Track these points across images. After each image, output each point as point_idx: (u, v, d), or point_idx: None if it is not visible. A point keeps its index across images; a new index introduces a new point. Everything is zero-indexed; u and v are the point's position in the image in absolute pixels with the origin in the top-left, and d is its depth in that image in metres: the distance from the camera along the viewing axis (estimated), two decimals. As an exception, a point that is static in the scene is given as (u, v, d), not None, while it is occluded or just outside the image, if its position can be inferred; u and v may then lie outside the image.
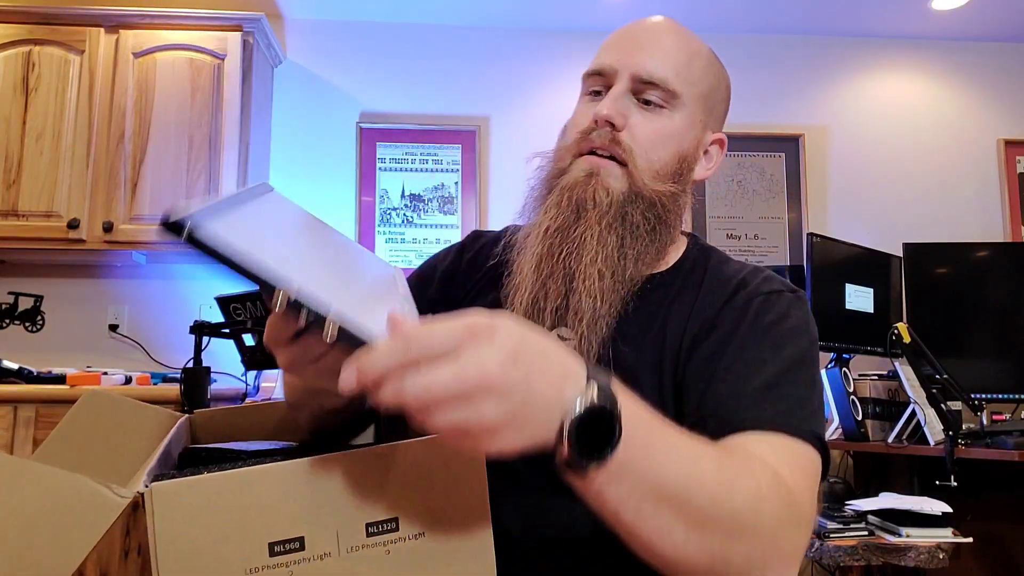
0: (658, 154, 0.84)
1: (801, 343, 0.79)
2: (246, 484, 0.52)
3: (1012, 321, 2.73)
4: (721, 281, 0.85)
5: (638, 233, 0.83)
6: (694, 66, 0.87)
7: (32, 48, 2.78)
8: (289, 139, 3.18)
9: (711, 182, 3.26)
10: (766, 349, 0.77)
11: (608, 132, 0.83)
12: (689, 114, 0.86)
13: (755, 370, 0.75)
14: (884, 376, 2.64)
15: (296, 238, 0.65)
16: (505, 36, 3.28)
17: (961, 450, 2.15)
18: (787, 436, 0.70)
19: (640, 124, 0.84)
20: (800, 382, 0.76)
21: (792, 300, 0.83)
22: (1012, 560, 2.47)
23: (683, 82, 0.85)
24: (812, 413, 0.74)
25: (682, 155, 0.86)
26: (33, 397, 2.34)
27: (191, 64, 2.81)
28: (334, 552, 0.54)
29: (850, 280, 2.71)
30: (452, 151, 3.22)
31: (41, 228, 2.69)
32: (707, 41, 0.94)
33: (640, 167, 0.83)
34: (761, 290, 0.82)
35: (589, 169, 0.84)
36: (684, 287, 0.86)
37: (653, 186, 0.83)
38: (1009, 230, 3.28)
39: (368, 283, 0.68)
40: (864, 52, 3.40)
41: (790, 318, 0.80)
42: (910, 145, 3.36)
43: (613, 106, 0.83)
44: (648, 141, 0.84)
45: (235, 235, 0.50)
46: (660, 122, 0.84)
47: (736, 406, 0.72)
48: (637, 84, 0.84)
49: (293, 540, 0.53)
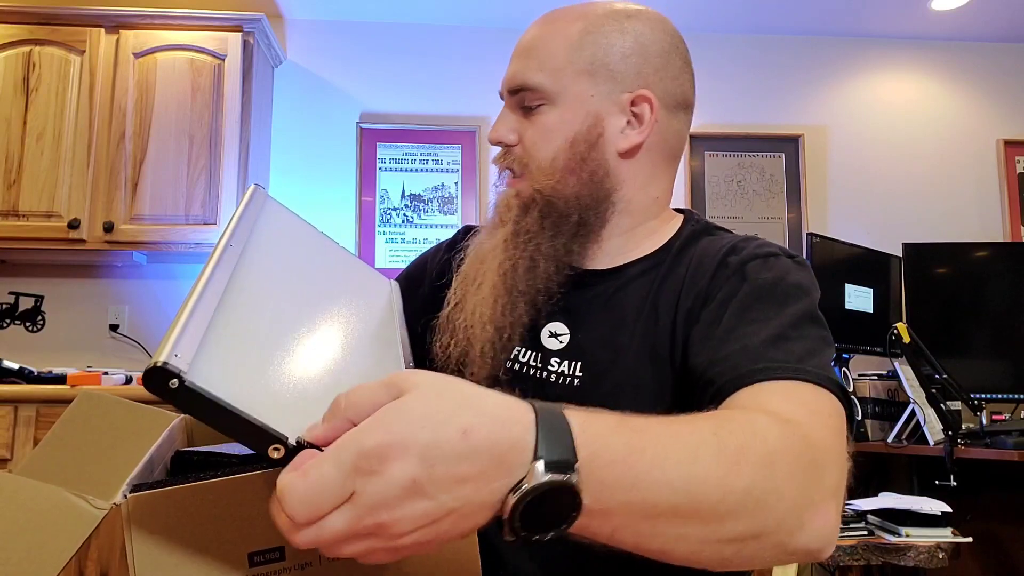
0: (545, 153, 0.84)
1: (806, 301, 0.75)
2: (224, 494, 0.51)
3: (1012, 321, 2.73)
4: (711, 253, 0.82)
5: (530, 238, 0.84)
6: (559, 48, 0.83)
7: (32, 48, 2.78)
8: (289, 139, 3.18)
9: (711, 182, 3.26)
10: (769, 307, 0.73)
11: (503, 151, 0.87)
12: (572, 97, 0.83)
13: (760, 327, 0.71)
14: (884, 376, 2.64)
15: (286, 325, 0.59)
16: (505, 36, 3.27)
17: (960, 450, 2.15)
18: (800, 382, 0.65)
19: (528, 131, 0.85)
20: (809, 336, 0.72)
21: (791, 263, 0.79)
22: (1012, 560, 2.47)
23: (548, 72, 0.83)
24: (825, 363, 0.70)
25: (575, 139, 0.83)
26: (33, 397, 2.34)
27: (191, 64, 2.81)
28: (315, 562, 0.53)
29: (850, 280, 2.71)
30: (452, 151, 3.22)
31: (42, 228, 2.69)
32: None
33: (533, 171, 0.84)
34: (757, 253, 0.79)
35: (512, 190, 0.87)
36: (674, 265, 0.84)
37: (550, 185, 0.83)
38: (1009, 230, 3.28)
39: (361, 361, 0.64)
40: (864, 52, 3.40)
41: (790, 276, 0.77)
42: (910, 145, 3.36)
43: (499, 127, 0.86)
44: (533, 146, 0.84)
45: (230, 372, 0.48)
46: (540, 122, 0.84)
47: (743, 361, 0.68)
48: (514, 97, 0.86)
49: (273, 550, 0.52)
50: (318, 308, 0.65)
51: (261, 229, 0.69)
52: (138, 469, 0.56)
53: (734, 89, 3.32)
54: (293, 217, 0.80)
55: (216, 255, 0.60)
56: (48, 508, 0.49)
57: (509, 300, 0.83)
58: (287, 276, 0.66)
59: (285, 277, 0.66)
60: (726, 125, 3.28)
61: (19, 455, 2.30)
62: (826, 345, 0.73)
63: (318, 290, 0.68)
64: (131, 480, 0.53)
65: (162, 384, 0.43)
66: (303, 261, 0.72)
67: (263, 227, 0.69)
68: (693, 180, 3.25)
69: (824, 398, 0.66)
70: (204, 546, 0.51)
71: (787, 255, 0.81)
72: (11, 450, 2.31)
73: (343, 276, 0.78)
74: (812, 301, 0.76)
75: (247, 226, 0.67)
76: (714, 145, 3.27)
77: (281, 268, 0.67)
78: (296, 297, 0.64)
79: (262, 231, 0.69)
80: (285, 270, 0.67)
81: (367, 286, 0.80)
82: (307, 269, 0.71)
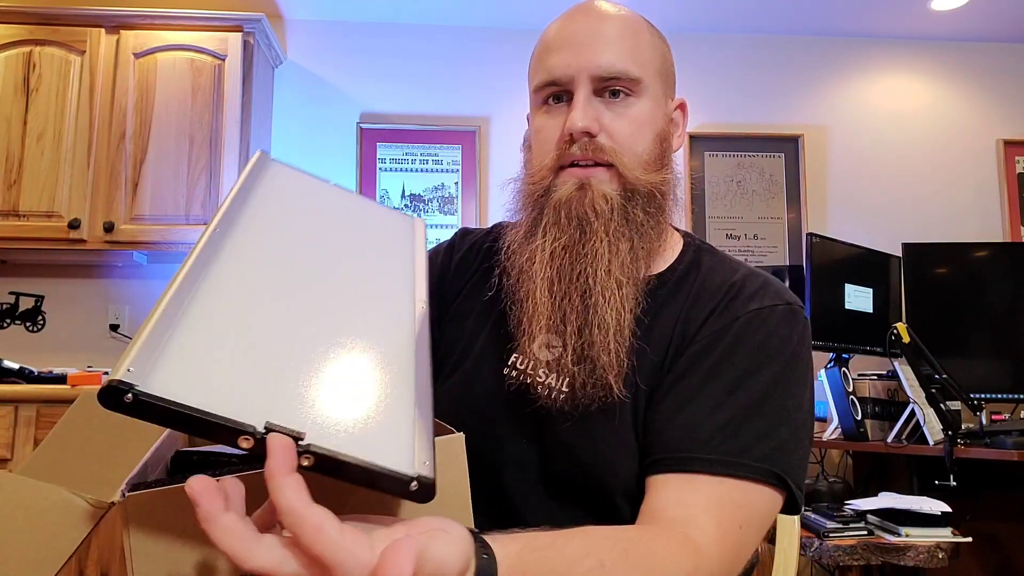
0: (641, 145, 0.82)
1: (784, 366, 0.76)
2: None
3: (1011, 321, 2.73)
4: (710, 290, 0.82)
5: (644, 231, 0.81)
6: (642, 45, 0.83)
7: (33, 48, 2.78)
8: (289, 139, 3.18)
9: (711, 182, 3.26)
10: (738, 378, 0.74)
11: (588, 141, 0.80)
12: (653, 94, 0.84)
13: (719, 404, 0.73)
14: (883, 376, 2.64)
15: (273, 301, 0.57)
16: (505, 36, 3.28)
17: (960, 450, 2.15)
18: (738, 480, 0.69)
19: (615, 122, 0.81)
20: (771, 411, 0.73)
21: (784, 314, 0.79)
22: (1011, 560, 2.47)
23: (640, 65, 0.82)
24: (777, 447, 0.72)
25: (660, 136, 0.84)
26: (34, 397, 2.34)
27: (192, 64, 2.82)
28: None
29: (849, 280, 2.71)
30: (452, 151, 3.22)
31: (42, 228, 2.69)
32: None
33: (628, 164, 0.81)
34: (749, 307, 0.79)
35: (578, 182, 0.80)
36: (673, 293, 0.84)
37: (646, 178, 0.81)
38: (1008, 230, 3.28)
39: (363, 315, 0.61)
40: (864, 52, 3.40)
41: (776, 337, 0.77)
42: (910, 145, 3.36)
43: (585, 115, 0.79)
44: (628, 136, 0.81)
45: (193, 372, 0.46)
46: (632, 113, 0.81)
47: (689, 446, 0.71)
48: (599, 83, 0.81)
49: None
50: (317, 270, 0.63)
51: (259, 197, 0.67)
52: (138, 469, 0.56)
53: (734, 89, 3.32)
54: (300, 176, 0.76)
55: (199, 247, 0.59)
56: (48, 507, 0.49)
57: (626, 293, 0.79)
58: (282, 244, 0.64)
59: (279, 245, 0.64)
60: (726, 125, 3.28)
61: (19, 455, 2.30)
62: (787, 418, 0.74)
63: (320, 251, 0.66)
64: (130, 479, 0.53)
65: (117, 401, 0.43)
66: (307, 222, 0.69)
67: (262, 195, 0.67)
68: (693, 180, 3.25)
69: (755, 497, 0.69)
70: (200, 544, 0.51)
71: (784, 303, 0.80)
72: (11, 450, 2.31)
73: (354, 228, 0.74)
74: (789, 359, 0.76)
75: (241, 199, 0.65)
76: (714, 145, 3.27)
77: (277, 236, 0.65)
78: (291, 264, 0.62)
79: (260, 199, 0.67)
80: (281, 237, 0.65)
81: (384, 232, 0.76)
82: (310, 229, 0.69)
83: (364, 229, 0.74)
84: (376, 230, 0.75)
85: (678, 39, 0.99)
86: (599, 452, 0.78)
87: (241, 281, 0.58)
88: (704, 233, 3.24)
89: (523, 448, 0.83)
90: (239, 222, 0.63)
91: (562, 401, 0.80)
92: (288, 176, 0.74)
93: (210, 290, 0.55)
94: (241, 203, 0.65)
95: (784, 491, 0.72)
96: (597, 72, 0.80)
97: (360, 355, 0.56)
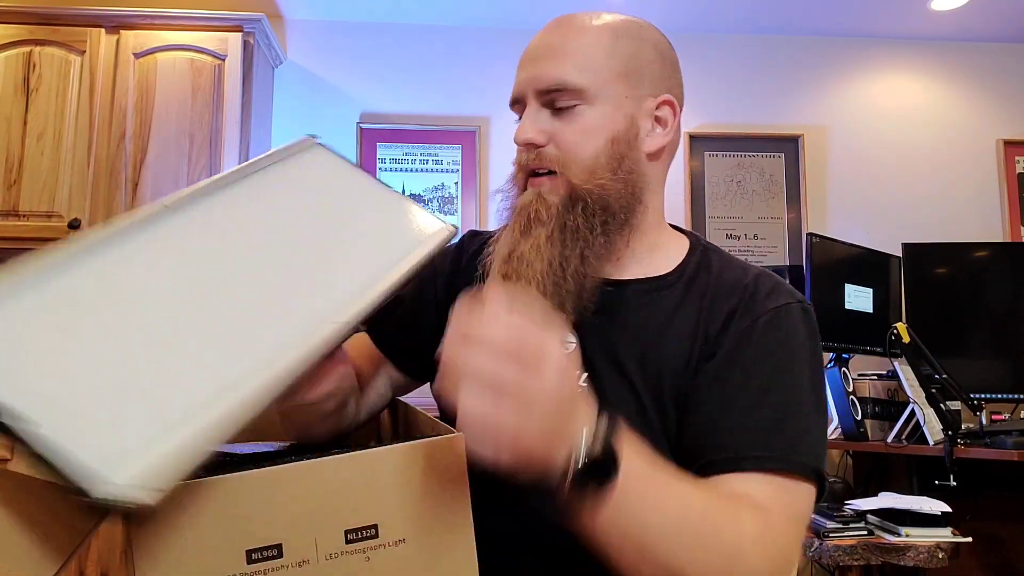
0: (587, 152, 0.84)
1: (807, 363, 0.79)
2: (224, 492, 0.52)
3: (1011, 321, 2.73)
4: (726, 290, 0.84)
5: (579, 235, 0.83)
6: (596, 51, 0.85)
7: (33, 49, 2.78)
8: (289, 139, 3.17)
9: (711, 182, 3.26)
10: (770, 376, 0.77)
11: (535, 152, 0.85)
12: (609, 98, 0.84)
13: (758, 403, 0.75)
14: (883, 376, 2.65)
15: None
16: (505, 37, 3.28)
17: (960, 450, 2.15)
18: (785, 477, 0.72)
19: (560, 131, 0.84)
20: (805, 410, 0.76)
21: (798, 313, 0.82)
22: (1012, 560, 2.47)
23: (587, 73, 0.84)
24: (813, 443, 0.75)
25: (616, 139, 0.85)
26: (34, 397, 2.34)
27: (192, 64, 2.82)
28: (312, 559, 0.53)
29: (849, 280, 2.71)
30: (452, 151, 3.22)
31: (42, 228, 2.69)
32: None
33: (573, 171, 0.83)
34: (767, 307, 0.81)
35: (536, 191, 0.85)
36: (687, 296, 0.85)
37: (592, 183, 0.83)
38: (1008, 230, 3.28)
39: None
40: (864, 52, 3.40)
41: (797, 335, 0.80)
42: (910, 145, 3.36)
43: (528, 127, 0.85)
44: (573, 144, 0.84)
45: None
46: (578, 122, 0.84)
47: (737, 444, 0.73)
48: (544, 97, 0.85)
49: (271, 547, 0.52)
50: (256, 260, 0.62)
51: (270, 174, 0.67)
52: None
53: (734, 89, 3.32)
54: (340, 167, 0.76)
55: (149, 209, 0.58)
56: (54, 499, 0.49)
57: (558, 299, 0.81)
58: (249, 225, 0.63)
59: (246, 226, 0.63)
60: (726, 125, 3.28)
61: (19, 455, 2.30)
62: (818, 416, 0.78)
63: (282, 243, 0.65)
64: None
65: None
66: (297, 210, 0.68)
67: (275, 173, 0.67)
68: (693, 180, 3.25)
69: (802, 493, 0.73)
70: (203, 542, 0.51)
71: (796, 300, 0.83)
72: (11, 450, 2.31)
73: (348, 227, 0.73)
74: (814, 357, 0.80)
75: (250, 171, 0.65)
76: (714, 145, 3.27)
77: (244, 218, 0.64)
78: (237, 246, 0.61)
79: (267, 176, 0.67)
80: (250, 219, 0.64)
81: (381, 237, 0.75)
82: (292, 218, 0.68)
83: (359, 229, 0.73)
84: (375, 233, 0.74)
85: (678, 39, 0.98)
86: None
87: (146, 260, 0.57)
88: (704, 233, 3.23)
89: None
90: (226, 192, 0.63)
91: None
92: (319, 162, 0.73)
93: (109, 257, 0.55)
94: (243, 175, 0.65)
95: (818, 487, 0.74)
96: (538, 85, 0.85)
97: (194, 357, 0.54)
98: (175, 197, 0.60)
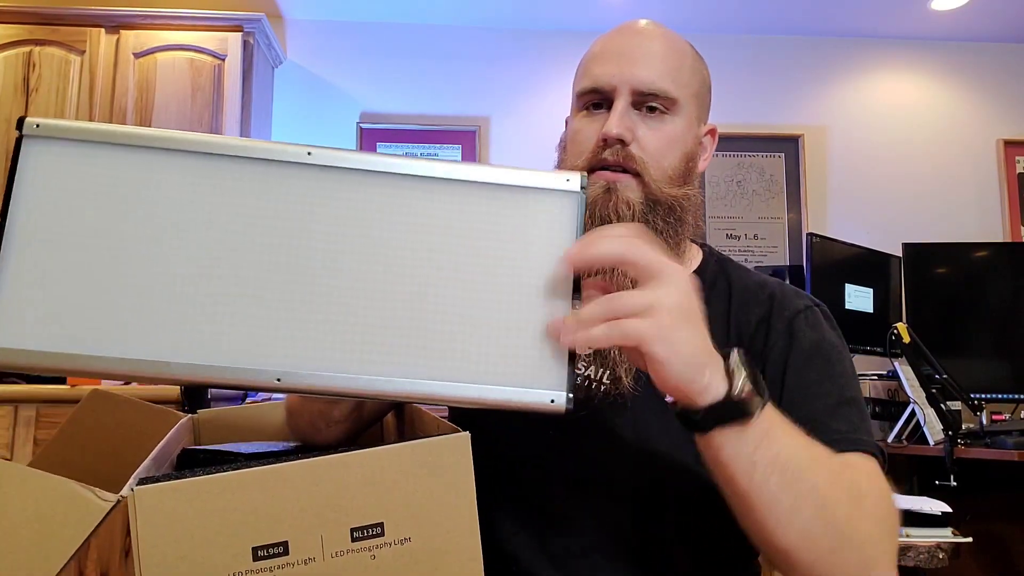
0: (668, 160, 0.86)
1: (844, 355, 0.84)
2: (230, 488, 0.52)
3: (1012, 321, 2.73)
4: (750, 293, 0.88)
5: (661, 239, 0.84)
6: (684, 68, 0.89)
7: (33, 48, 2.78)
8: (289, 139, 3.14)
9: (711, 182, 3.27)
10: (822, 370, 0.81)
11: (619, 148, 0.85)
12: (687, 115, 0.88)
13: (819, 391, 0.79)
14: (884, 376, 2.64)
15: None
16: (505, 36, 3.28)
17: (961, 450, 2.15)
18: (860, 454, 0.74)
19: (647, 135, 0.86)
20: (856, 397, 0.81)
21: (820, 313, 0.87)
22: (1012, 560, 2.47)
23: (678, 86, 0.87)
24: (869, 425, 0.80)
25: (687, 155, 0.88)
26: (34, 397, 2.34)
27: (191, 64, 2.82)
28: (318, 557, 0.53)
29: (850, 280, 2.71)
30: (452, 151, 3.22)
31: (42, 228, 2.69)
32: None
33: (654, 176, 0.85)
34: (796, 307, 0.86)
35: (606, 184, 0.84)
36: (710, 299, 0.86)
37: (668, 191, 0.85)
38: (1008, 230, 3.28)
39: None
40: (864, 52, 3.41)
41: (826, 332, 0.85)
42: (910, 145, 3.36)
43: (620, 123, 0.84)
44: (657, 150, 0.85)
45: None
46: (665, 129, 0.86)
47: (814, 434, 0.73)
48: (638, 97, 0.86)
49: (277, 545, 0.53)
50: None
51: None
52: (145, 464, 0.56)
53: (734, 89, 3.32)
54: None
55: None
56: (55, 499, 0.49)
57: None
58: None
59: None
60: (726, 125, 3.27)
61: (19, 455, 2.30)
62: (862, 401, 0.82)
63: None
64: (138, 475, 0.54)
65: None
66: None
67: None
68: (693, 180, 3.25)
69: (874, 467, 0.75)
70: (209, 539, 0.52)
71: (814, 303, 0.88)
72: (11, 450, 2.31)
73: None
74: (846, 354, 0.85)
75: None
76: (714, 145, 3.27)
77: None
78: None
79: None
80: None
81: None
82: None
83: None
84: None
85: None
86: (655, 444, 0.80)
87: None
88: (704, 233, 3.24)
89: (559, 443, 0.83)
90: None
91: (603, 393, 0.82)
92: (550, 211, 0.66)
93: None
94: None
95: (881, 463, 0.77)
96: (638, 86, 0.85)
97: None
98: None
